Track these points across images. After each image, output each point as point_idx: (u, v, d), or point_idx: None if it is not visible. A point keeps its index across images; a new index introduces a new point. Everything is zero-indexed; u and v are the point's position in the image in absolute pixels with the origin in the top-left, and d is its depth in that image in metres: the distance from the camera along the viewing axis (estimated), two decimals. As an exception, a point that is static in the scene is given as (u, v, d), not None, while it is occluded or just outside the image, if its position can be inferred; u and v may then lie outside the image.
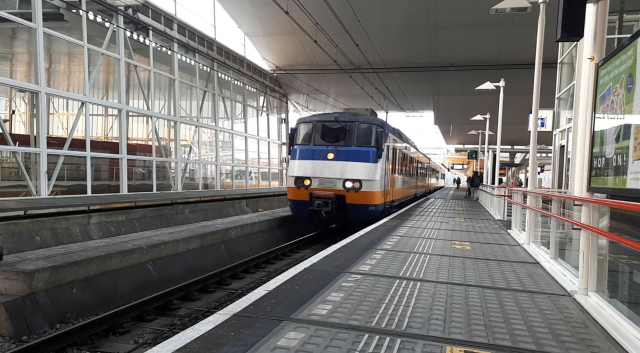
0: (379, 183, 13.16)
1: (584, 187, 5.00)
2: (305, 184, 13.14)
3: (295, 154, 13.69)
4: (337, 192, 12.80)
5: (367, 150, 13.17)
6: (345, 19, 18.82)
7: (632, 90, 3.88)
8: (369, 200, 12.94)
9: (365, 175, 12.81)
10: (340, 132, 13.45)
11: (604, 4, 5.26)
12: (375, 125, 13.69)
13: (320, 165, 13.09)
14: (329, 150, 13.18)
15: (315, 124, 13.84)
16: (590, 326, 3.92)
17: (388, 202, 14.78)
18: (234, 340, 3.23)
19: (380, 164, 13.31)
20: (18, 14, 13.27)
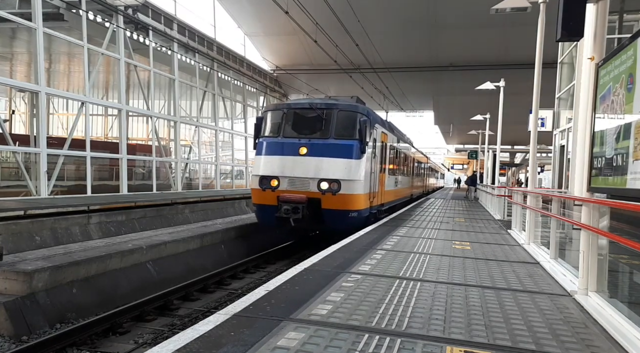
0: (362, 184, 10.98)
1: (584, 187, 5.00)
2: (272, 185, 10.94)
3: (261, 148, 11.41)
4: (310, 195, 10.60)
5: (348, 144, 10.88)
6: (345, 19, 18.81)
7: (632, 90, 3.87)
8: (350, 204, 10.76)
9: (344, 174, 10.64)
10: (316, 122, 11.16)
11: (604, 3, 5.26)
12: (358, 113, 11.31)
13: (290, 162, 10.90)
14: (301, 144, 10.92)
15: (286, 111, 11.52)
16: (590, 326, 3.92)
17: (376, 206, 12.54)
18: (234, 340, 3.23)
19: (365, 160, 11.08)
20: (18, 13, 13.26)
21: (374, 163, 11.98)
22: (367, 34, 21.99)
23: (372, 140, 11.67)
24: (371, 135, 11.61)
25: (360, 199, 11.04)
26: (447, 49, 26.33)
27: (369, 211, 11.68)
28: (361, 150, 10.93)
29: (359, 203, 11.01)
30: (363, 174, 11.01)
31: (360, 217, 11.15)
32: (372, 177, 11.76)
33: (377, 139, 12.43)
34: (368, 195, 11.52)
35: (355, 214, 10.97)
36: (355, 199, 10.89)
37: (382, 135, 13.31)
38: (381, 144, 13.27)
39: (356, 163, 10.79)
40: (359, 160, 10.88)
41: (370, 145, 11.59)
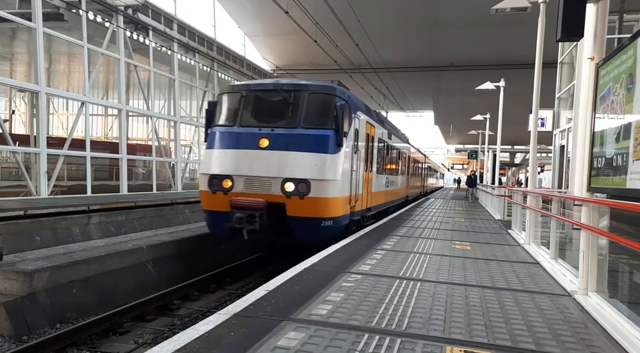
0: (339, 185, 8.84)
1: (584, 187, 5.01)
2: (223, 187, 8.73)
3: (212, 140, 9.18)
4: (271, 199, 8.44)
5: (321, 135, 8.75)
6: (345, 18, 18.81)
7: (632, 90, 3.88)
8: (322, 210, 8.62)
9: (316, 173, 8.49)
10: (281, 107, 9.02)
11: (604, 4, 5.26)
12: (335, 96, 9.07)
13: (247, 158, 8.74)
14: (261, 135, 8.71)
15: (244, 94, 9.30)
16: (590, 326, 3.92)
17: (359, 211, 10.48)
18: (234, 340, 3.23)
19: (343, 155, 8.93)
20: (18, 13, 13.26)
21: (356, 159, 9.85)
22: (367, 33, 22.00)
23: (353, 130, 9.50)
24: (352, 124, 9.38)
25: (336, 204, 8.80)
26: (447, 49, 26.34)
27: (349, 218, 9.57)
28: (337, 143, 8.70)
29: (334, 208, 8.78)
30: (340, 172, 8.85)
31: (337, 225, 9.00)
32: (353, 176, 9.67)
33: (360, 130, 10.23)
34: (348, 198, 9.40)
35: (330, 222, 8.73)
36: (330, 204, 8.66)
37: (367, 126, 11.07)
38: (367, 136, 11.06)
39: (331, 158, 8.63)
40: (335, 155, 8.70)
41: (351, 137, 9.40)
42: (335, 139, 8.72)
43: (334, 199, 8.77)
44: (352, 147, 9.51)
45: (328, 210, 8.71)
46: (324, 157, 8.60)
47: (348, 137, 9.13)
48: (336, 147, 8.73)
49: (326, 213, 8.69)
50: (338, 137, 8.73)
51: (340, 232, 9.12)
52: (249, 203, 8.43)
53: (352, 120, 9.42)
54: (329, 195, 8.60)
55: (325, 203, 8.62)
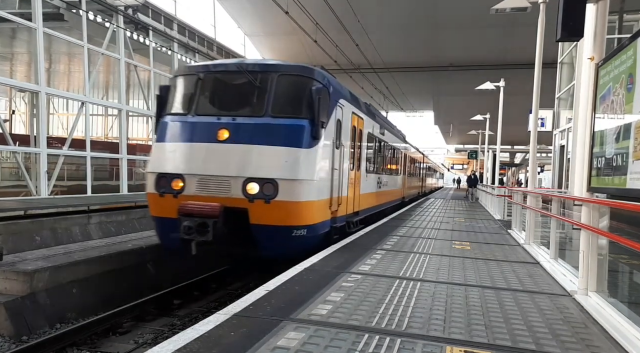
0: (316, 186, 7.44)
1: (584, 187, 5.01)
2: (173, 188, 7.31)
3: (163, 132, 7.76)
4: (230, 204, 6.97)
5: (293, 125, 7.36)
6: (345, 18, 18.81)
7: (632, 90, 3.88)
8: (294, 217, 7.17)
9: (286, 171, 7.07)
10: (246, 92, 7.63)
11: (604, 4, 5.26)
12: (312, 80, 7.64)
13: (203, 153, 7.36)
14: (221, 125, 7.32)
15: (202, 76, 7.87)
16: (590, 326, 3.92)
17: (343, 216, 9.04)
18: (234, 340, 3.23)
19: (321, 150, 7.55)
20: (18, 14, 13.27)
21: (338, 155, 8.42)
22: (367, 33, 22.01)
23: (334, 122, 8.13)
24: (332, 114, 8.00)
25: (311, 209, 7.37)
26: (447, 49, 26.36)
27: (329, 225, 8.16)
28: (313, 135, 7.30)
29: (308, 214, 7.35)
30: (316, 171, 7.43)
31: (313, 235, 7.51)
32: (335, 176, 8.26)
33: (344, 122, 8.80)
34: (327, 201, 7.97)
35: (303, 231, 7.26)
36: (303, 209, 7.21)
37: (354, 118, 9.62)
38: (353, 130, 9.63)
39: (305, 154, 7.23)
40: (310, 150, 7.29)
41: (332, 129, 8.03)
42: (310, 130, 7.28)
43: (309, 203, 7.28)
44: (332, 141, 8.07)
45: (301, 217, 7.21)
46: (296, 152, 7.17)
47: (327, 129, 7.74)
48: (312, 140, 7.30)
49: (298, 220, 7.19)
50: (314, 128, 7.28)
51: (317, 242, 7.66)
52: (199, 209, 6.88)
53: (334, 109, 8.08)
54: (301, 199, 7.12)
55: (298, 209, 7.13)
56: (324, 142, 7.65)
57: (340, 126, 8.60)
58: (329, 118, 7.79)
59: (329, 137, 7.90)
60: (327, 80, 8.03)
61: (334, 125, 8.14)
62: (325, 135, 7.67)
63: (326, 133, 7.70)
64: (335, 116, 8.18)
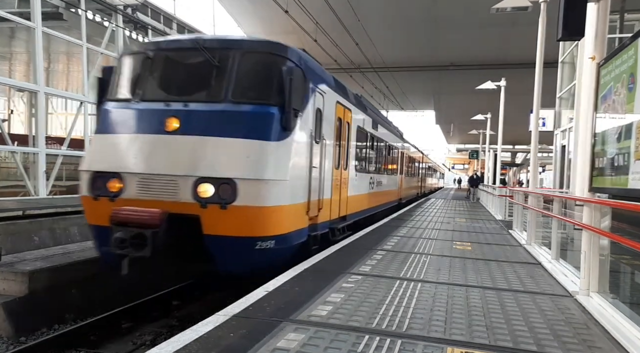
0: (287, 188, 6.19)
1: (585, 187, 4.98)
2: (109, 190, 6.04)
3: (103, 121, 6.48)
4: (177, 210, 5.75)
5: (259, 113, 6.11)
6: (346, 18, 18.79)
7: (634, 90, 3.85)
8: (258, 226, 5.90)
9: (247, 169, 5.80)
10: (203, 73, 6.35)
11: (605, 3, 5.24)
12: (283, 58, 6.42)
13: (146, 147, 6.07)
14: (170, 113, 6.07)
15: (152, 55, 6.60)
16: (592, 327, 3.90)
17: (325, 222, 7.91)
18: (233, 341, 3.21)
19: (295, 143, 6.37)
20: (17, 13, 13.25)
21: (319, 151, 7.32)
22: (368, 33, 21.98)
23: (312, 110, 6.97)
24: (310, 101, 6.84)
25: (281, 215, 6.13)
26: (448, 48, 26.33)
27: (306, 234, 6.99)
28: (284, 125, 6.08)
29: (278, 222, 6.10)
30: (288, 169, 6.19)
31: (283, 247, 6.23)
32: (314, 175, 7.13)
33: (325, 112, 7.62)
34: (304, 206, 6.78)
35: (270, 243, 5.98)
36: (271, 215, 5.94)
37: (338, 108, 8.46)
38: (339, 122, 8.52)
39: (275, 148, 5.99)
40: (280, 144, 6.06)
41: (309, 119, 6.82)
42: (280, 119, 6.04)
43: (277, 209, 5.99)
44: (310, 133, 6.87)
45: (267, 225, 5.92)
46: (262, 146, 5.89)
47: (303, 119, 6.52)
48: (282, 132, 6.04)
49: (264, 229, 5.89)
50: (285, 116, 6.04)
51: (289, 255, 6.46)
52: (135, 217, 5.59)
53: (312, 95, 6.88)
54: (267, 203, 5.81)
55: (263, 215, 5.82)
56: (299, 134, 6.41)
57: (321, 117, 7.41)
58: (304, 105, 6.58)
59: (305, 128, 6.66)
60: (303, 61, 6.73)
61: (312, 114, 6.94)
62: (300, 126, 6.44)
63: (301, 123, 6.47)
64: (313, 104, 7.00)
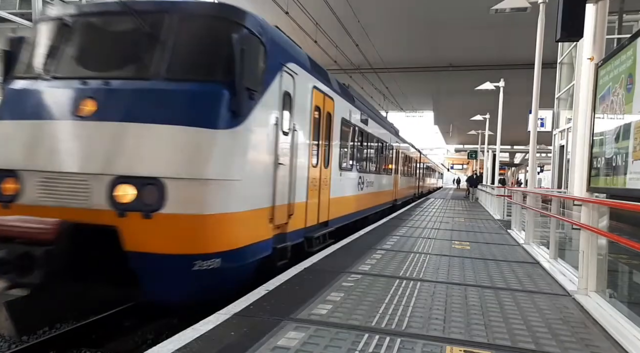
0: (240, 190, 4.92)
1: (583, 187, 5.02)
2: (2, 193, 4.75)
3: (4, 104, 5.18)
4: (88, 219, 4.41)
5: (200, 92, 4.77)
6: (345, 19, 18.82)
7: (632, 91, 3.89)
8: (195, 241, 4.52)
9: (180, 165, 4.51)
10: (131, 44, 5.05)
11: (604, 4, 5.27)
12: (234, 24, 5.05)
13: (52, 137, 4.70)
14: (84, 93, 4.75)
15: (70, 22, 5.26)
16: (590, 326, 3.93)
17: (299, 230, 6.73)
18: (234, 340, 3.24)
19: (253, 133, 5.18)
20: (18, 14, 13.27)
21: (288, 144, 6.10)
22: (367, 34, 22.01)
23: (278, 94, 5.69)
24: (275, 81, 5.58)
25: (230, 225, 4.79)
26: (447, 49, 26.32)
27: (270, 246, 5.65)
28: (234, 109, 4.74)
29: (226, 234, 4.76)
30: (242, 165, 4.91)
31: (236, 265, 4.93)
32: (282, 174, 5.85)
33: (297, 97, 6.35)
34: (268, 211, 5.50)
35: (215, 262, 4.62)
36: (214, 226, 4.61)
37: (316, 94, 7.23)
38: (316, 111, 7.32)
39: (220, 138, 4.65)
40: (229, 132, 4.73)
41: (273, 105, 5.57)
42: (229, 101, 4.64)
43: (224, 218, 4.61)
44: (276, 122, 5.59)
45: (209, 239, 4.53)
46: (203, 136, 4.52)
47: (263, 103, 5.22)
48: (231, 118, 4.66)
49: (204, 244, 4.50)
50: (236, 98, 4.66)
51: (245, 275, 5.19)
52: (20, 230, 4.26)
53: (276, 74, 5.58)
54: (209, 210, 4.46)
55: (202, 226, 4.47)
56: (256, 121, 5.10)
57: (291, 102, 6.13)
58: (265, 86, 5.27)
59: (266, 115, 5.35)
60: (264, 30, 5.38)
61: (277, 99, 5.63)
62: (259, 112, 5.14)
63: (261, 109, 5.16)
64: (279, 86, 5.69)
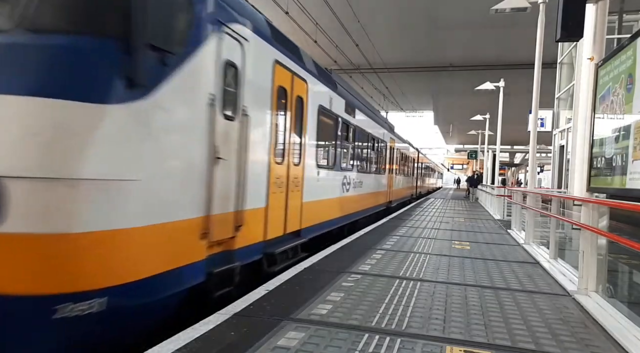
0: (142, 196, 3.40)
1: (583, 187, 5.02)
2: None
3: None
4: None
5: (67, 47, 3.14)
6: (345, 19, 18.83)
7: (632, 90, 3.89)
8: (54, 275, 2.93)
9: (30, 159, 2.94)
10: None
11: (604, 4, 5.28)
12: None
13: None
14: None
15: None
16: (590, 326, 3.93)
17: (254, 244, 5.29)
18: (234, 340, 3.23)
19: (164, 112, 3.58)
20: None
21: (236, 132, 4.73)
22: (367, 34, 22.02)
23: (214, 62, 4.30)
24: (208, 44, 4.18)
25: (121, 248, 3.28)
26: (447, 49, 26.34)
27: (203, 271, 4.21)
28: (132, 76, 3.28)
29: (113, 262, 3.24)
30: (144, 159, 3.46)
31: (137, 304, 3.47)
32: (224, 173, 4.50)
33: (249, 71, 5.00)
34: (199, 223, 4.11)
35: (95, 304, 3.12)
36: (91, 251, 3.10)
37: (280, 72, 5.87)
38: (281, 93, 5.98)
39: (105, 116, 3.16)
40: (120, 109, 3.23)
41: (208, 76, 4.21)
42: (120, 61, 3.28)
43: (108, 237, 3.20)
44: (208, 100, 4.15)
45: (83, 270, 3.12)
46: (75, 112, 3.12)
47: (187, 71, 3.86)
48: (124, 87, 3.28)
49: (75, 279, 3.09)
50: (133, 59, 3.30)
51: (155, 317, 3.83)
52: None
53: (211, 34, 4.18)
54: (81, 227, 3.07)
55: (68, 251, 3.04)
56: (175, 96, 3.72)
57: (238, 77, 4.74)
58: (190, 48, 3.88)
59: (192, 89, 3.96)
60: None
61: (213, 69, 4.22)
62: (180, 84, 3.76)
63: (182, 79, 3.78)
64: (217, 52, 4.28)
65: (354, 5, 19.69)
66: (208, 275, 4.27)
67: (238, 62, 4.80)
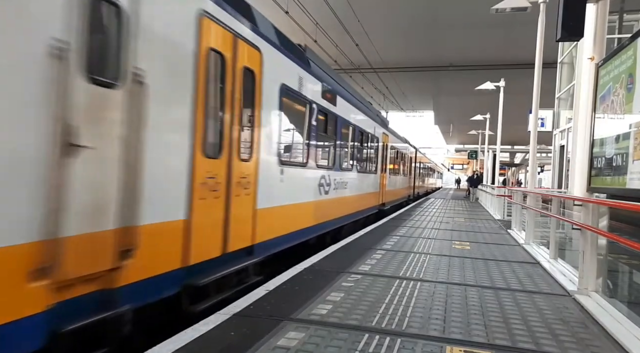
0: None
1: (583, 187, 5.02)
2: None
3: None
4: None
5: None
6: (345, 19, 18.83)
7: (632, 90, 3.88)
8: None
9: None
10: None
11: (604, 3, 5.27)
12: None
13: None
14: None
15: None
16: (590, 326, 3.92)
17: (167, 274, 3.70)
18: (234, 340, 3.23)
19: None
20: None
21: (114, 104, 3.08)
22: (367, 34, 22.01)
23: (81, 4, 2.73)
24: None
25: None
26: (447, 49, 26.33)
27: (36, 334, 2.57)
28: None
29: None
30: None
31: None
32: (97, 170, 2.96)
33: (143, 14, 3.27)
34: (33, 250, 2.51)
35: None
36: None
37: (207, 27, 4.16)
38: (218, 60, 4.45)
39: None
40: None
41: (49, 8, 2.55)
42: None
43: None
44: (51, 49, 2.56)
45: None
46: None
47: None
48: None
49: None
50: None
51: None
52: None
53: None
54: None
55: None
56: None
57: (125, 21, 3.17)
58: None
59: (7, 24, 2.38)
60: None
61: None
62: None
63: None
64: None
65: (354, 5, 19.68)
66: (57, 335, 2.70)
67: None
